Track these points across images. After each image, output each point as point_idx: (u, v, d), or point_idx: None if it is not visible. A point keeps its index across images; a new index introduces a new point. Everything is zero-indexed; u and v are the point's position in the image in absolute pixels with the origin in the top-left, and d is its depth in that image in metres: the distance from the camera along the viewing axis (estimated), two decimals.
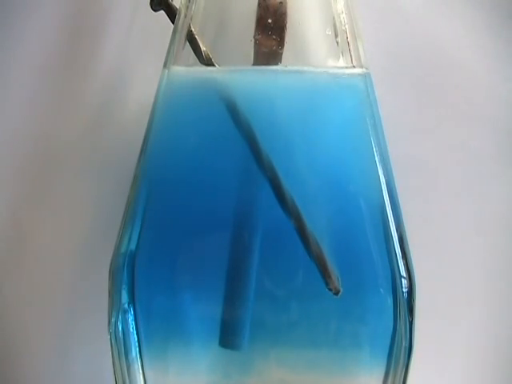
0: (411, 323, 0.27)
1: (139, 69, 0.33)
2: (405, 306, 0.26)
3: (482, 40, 0.34)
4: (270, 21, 0.27)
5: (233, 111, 0.26)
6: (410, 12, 0.33)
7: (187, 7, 0.28)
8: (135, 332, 0.27)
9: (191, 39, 0.28)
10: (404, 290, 0.26)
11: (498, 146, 0.34)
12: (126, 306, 0.27)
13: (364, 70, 0.28)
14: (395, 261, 0.26)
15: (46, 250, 0.33)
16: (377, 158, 0.27)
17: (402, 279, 0.26)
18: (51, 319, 0.34)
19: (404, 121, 0.33)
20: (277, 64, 0.27)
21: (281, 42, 0.27)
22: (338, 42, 0.28)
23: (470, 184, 0.35)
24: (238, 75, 0.27)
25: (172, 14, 0.29)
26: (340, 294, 0.25)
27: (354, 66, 0.28)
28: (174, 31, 0.28)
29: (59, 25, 0.32)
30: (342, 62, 0.27)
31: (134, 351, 0.27)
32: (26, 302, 0.33)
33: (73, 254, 0.33)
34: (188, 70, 0.28)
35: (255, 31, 0.27)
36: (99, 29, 0.32)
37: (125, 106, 0.33)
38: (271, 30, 0.27)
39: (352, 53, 0.28)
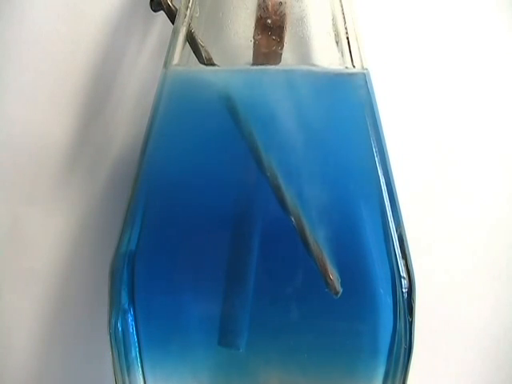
0: (411, 323, 0.27)
1: (139, 69, 0.33)
2: (405, 306, 0.26)
3: (482, 38, 0.34)
4: (269, 21, 0.27)
5: (232, 111, 0.26)
6: (410, 12, 0.33)
7: (187, 7, 0.28)
8: (135, 332, 0.27)
9: (191, 39, 0.28)
10: (404, 290, 0.26)
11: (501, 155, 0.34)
12: (126, 306, 0.27)
13: (364, 69, 0.28)
14: (395, 261, 0.26)
15: (46, 249, 0.33)
16: (376, 158, 0.27)
17: (402, 279, 0.26)
18: (51, 319, 0.34)
19: (403, 120, 0.33)
20: (277, 64, 0.27)
21: (280, 42, 0.27)
22: (337, 42, 0.28)
23: (471, 182, 0.35)
24: (238, 75, 0.27)
25: (172, 14, 0.29)
26: (340, 294, 0.25)
27: (354, 66, 0.28)
28: (174, 31, 0.28)
29: (58, 24, 0.32)
30: (341, 62, 0.27)
31: (134, 351, 0.27)
32: (24, 301, 0.33)
33: (73, 254, 0.33)
34: (188, 70, 0.28)
35: (255, 31, 0.27)
36: (99, 29, 0.32)
37: (124, 106, 0.33)
38: (271, 30, 0.27)
39: (352, 53, 0.28)
